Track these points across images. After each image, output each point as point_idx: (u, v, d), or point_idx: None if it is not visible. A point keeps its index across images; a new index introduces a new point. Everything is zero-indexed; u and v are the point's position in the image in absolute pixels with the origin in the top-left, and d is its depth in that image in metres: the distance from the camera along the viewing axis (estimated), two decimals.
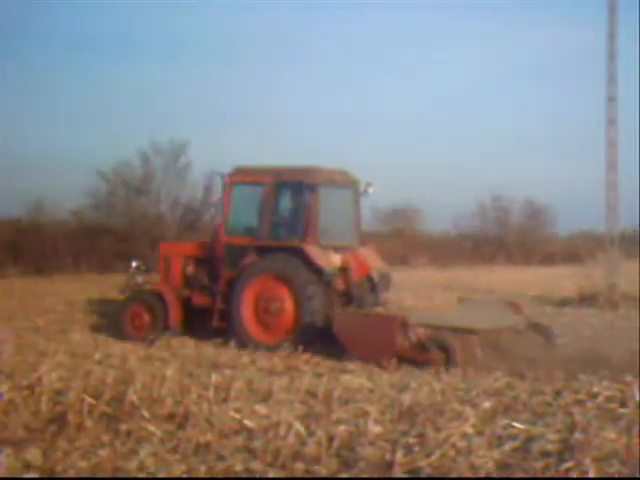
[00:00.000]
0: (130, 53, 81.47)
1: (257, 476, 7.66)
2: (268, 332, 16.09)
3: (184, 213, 44.16)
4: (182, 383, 10.89)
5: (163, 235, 40.62)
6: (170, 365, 12.04)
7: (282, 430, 8.76)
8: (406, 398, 10.34)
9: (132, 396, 9.91)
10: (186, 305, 17.51)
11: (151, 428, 8.94)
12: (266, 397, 10.54)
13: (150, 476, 7.63)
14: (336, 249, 16.96)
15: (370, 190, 17.51)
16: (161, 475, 7.63)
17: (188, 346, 15.89)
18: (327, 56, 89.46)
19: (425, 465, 7.74)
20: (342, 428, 8.84)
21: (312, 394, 10.79)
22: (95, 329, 18.64)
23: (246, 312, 16.25)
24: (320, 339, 15.22)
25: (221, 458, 8.10)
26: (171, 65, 79.95)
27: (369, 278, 17.32)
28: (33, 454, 8.05)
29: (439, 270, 46.24)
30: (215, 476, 7.64)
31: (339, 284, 16.67)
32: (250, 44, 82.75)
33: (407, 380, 11.77)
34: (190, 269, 17.82)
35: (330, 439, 8.47)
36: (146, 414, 9.47)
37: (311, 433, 8.74)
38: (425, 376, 12.21)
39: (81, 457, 8.10)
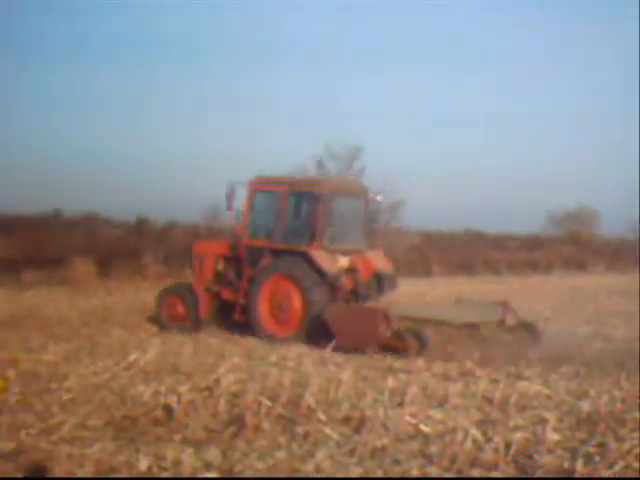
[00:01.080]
0: (319, 59, 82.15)
1: None
2: (280, 326, 17.76)
3: None
4: (357, 387, 10.92)
5: None
6: (345, 369, 12.07)
7: (458, 436, 8.66)
8: (585, 406, 10.09)
9: (308, 399, 10.01)
10: (217, 299, 19.27)
11: (327, 431, 9.00)
12: (441, 402, 10.45)
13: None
14: (344, 252, 18.45)
15: (379, 198, 19.97)
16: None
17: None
18: None
19: (609, 476, 7.50)
20: (519, 435, 8.69)
21: (488, 400, 10.63)
22: None
23: (262, 308, 17.96)
24: (325, 333, 16.09)
25: (397, 462, 8.06)
26: (346, 69, 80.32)
27: (377, 278, 18.79)
28: (213, 454, 8.20)
29: (615, 275, 44.99)
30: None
31: (347, 283, 18.17)
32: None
33: (585, 387, 11.44)
34: (220, 267, 19.56)
35: (507, 446, 8.33)
36: (322, 417, 9.53)
37: (488, 439, 8.62)
38: (604, 384, 11.82)
39: (259, 458, 8.20)
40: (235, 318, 18.56)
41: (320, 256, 17.55)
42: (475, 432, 8.71)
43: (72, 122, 70.71)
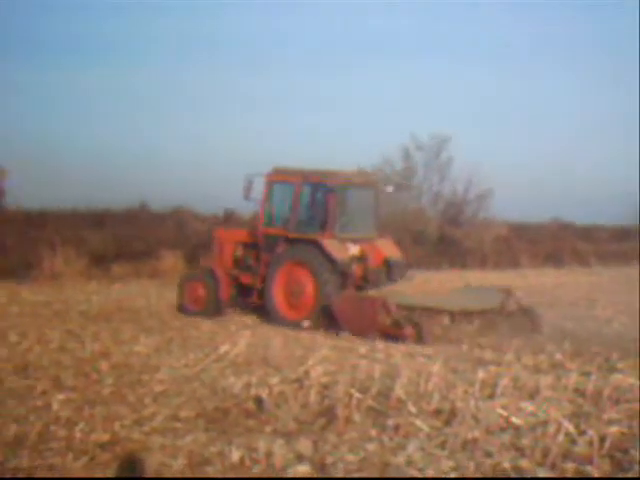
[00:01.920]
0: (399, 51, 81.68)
1: (527, 476, 7.53)
2: (293, 310, 18.67)
3: (446, 207, 44.15)
4: (447, 379, 10.84)
5: (425, 230, 40.79)
6: (435, 361, 12.00)
7: (551, 429, 8.54)
8: None
9: (399, 391, 9.98)
10: (235, 283, 20.29)
11: (418, 423, 8.97)
12: (532, 395, 10.31)
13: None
14: (355, 241, 19.32)
15: (389, 189, 21.21)
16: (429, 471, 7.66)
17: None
18: None
19: None
20: (614, 429, 8.54)
21: (580, 393, 10.45)
22: None
23: (276, 292, 18.95)
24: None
25: (489, 455, 8.01)
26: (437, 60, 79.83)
27: (387, 265, 19.57)
28: (304, 445, 8.24)
29: None
30: (484, 474, 7.57)
31: (358, 271, 19.10)
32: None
33: None
34: (239, 252, 20.62)
35: (602, 440, 8.18)
36: (413, 409, 9.50)
37: (581, 433, 8.49)
38: None
39: (349, 450, 8.23)
40: (252, 301, 19.80)
41: (331, 244, 18.47)
42: (568, 425, 8.58)
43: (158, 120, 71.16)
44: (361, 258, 19.30)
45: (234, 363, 12.66)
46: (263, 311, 19.15)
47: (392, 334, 16.13)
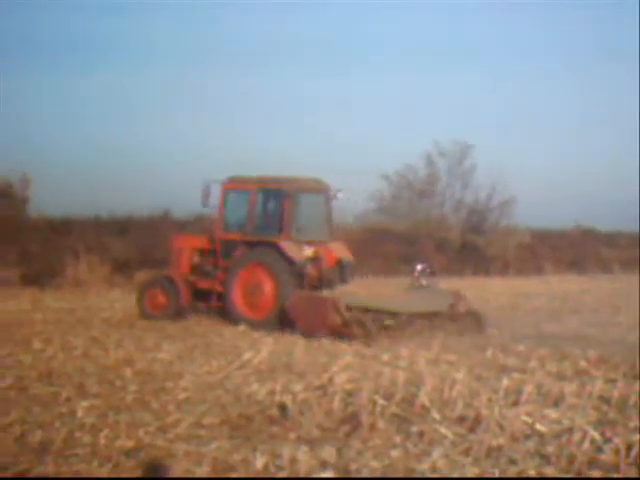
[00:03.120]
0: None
1: None
2: (253, 310, 19.47)
3: (469, 215, 44.11)
4: (471, 386, 10.81)
5: (447, 237, 40.73)
6: (459, 368, 11.98)
7: (576, 436, 8.52)
8: None
9: (423, 398, 9.97)
10: (193, 288, 21.04)
11: (442, 430, 8.95)
12: (557, 402, 10.28)
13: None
14: (310, 243, 20.18)
15: (340, 195, 21.18)
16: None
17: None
18: None
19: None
20: None
21: (605, 400, 10.39)
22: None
23: (236, 294, 19.73)
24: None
25: (513, 462, 7.99)
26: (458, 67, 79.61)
27: (339, 266, 20.59)
28: (328, 452, 8.23)
29: None
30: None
31: (312, 271, 19.84)
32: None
33: None
34: (196, 259, 21.39)
35: (628, 447, 8.14)
36: (437, 416, 9.49)
37: (607, 440, 8.44)
38: None
39: (374, 457, 8.22)
40: (212, 305, 20.72)
41: (288, 246, 19.40)
42: (593, 432, 8.54)
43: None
44: (315, 259, 20.16)
45: (257, 370, 12.69)
46: (222, 313, 20.04)
47: (341, 333, 16.95)
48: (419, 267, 20.97)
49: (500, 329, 18.13)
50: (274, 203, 20.50)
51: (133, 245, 33.10)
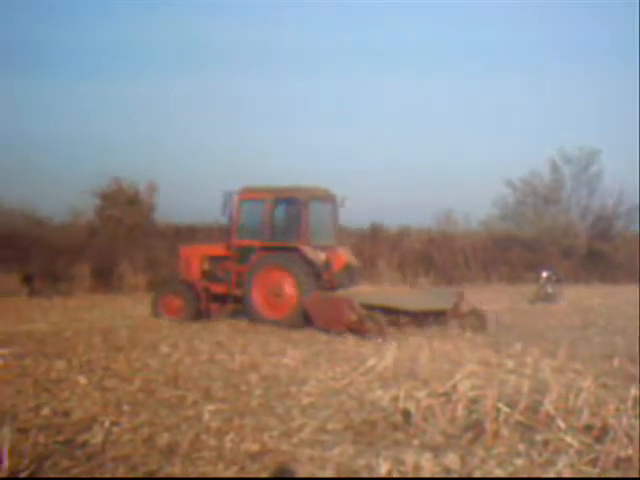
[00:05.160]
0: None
1: None
2: (274, 310, 20.89)
3: (595, 221, 43.28)
4: (598, 395, 10.60)
5: (573, 244, 40.02)
6: (585, 377, 11.76)
7: None
8: None
9: (548, 406, 9.82)
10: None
11: (568, 439, 8.80)
12: None
13: None
14: (321, 248, 21.53)
15: (347, 203, 22.39)
16: None
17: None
18: None
19: None
20: None
21: None
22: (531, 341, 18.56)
23: (257, 296, 21.12)
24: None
25: None
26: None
27: (347, 269, 22.01)
28: (451, 459, 8.19)
29: None
30: None
31: (325, 274, 21.19)
32: None
33: None
34: (206, 265, 22.82)
35: None
36: (562, 425, 9.32)
37: None
38: None
39: (497, 465, 8.14)
40: (230, 307, 22.27)
41: (309, 251, 20.91)
42: None
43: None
44: (327, 263, 21.46)
45: (381, 376, 12.69)
46: (241, 315, 21.51)
47: (356, 329, 18.32)
48: (545, 274, 20.79)
49: (627, 337, 17.71)
50: (290, 211, 21.93)
51: None
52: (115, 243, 35.01)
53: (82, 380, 12.32)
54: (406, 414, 10.07)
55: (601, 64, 77.60)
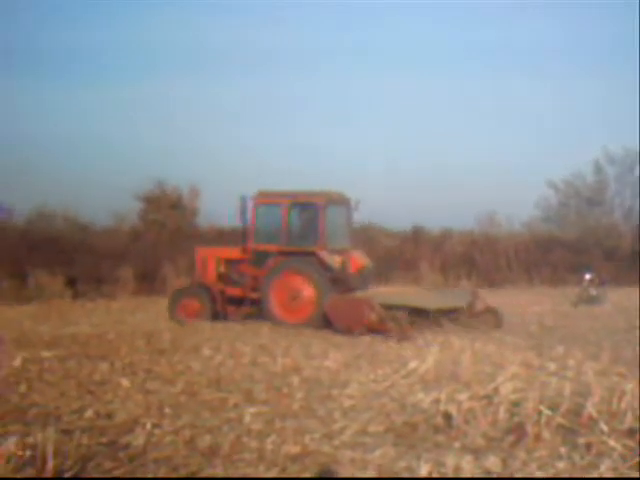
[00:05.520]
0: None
1: None
2: (291, 314, 21.29)
3: None
4: None
5: (618, 246, 39.67)
6: (629, 380, 11.67)
7: None
8: None
9: (590, 409, 9.75)
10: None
11: (611, 443, 8.73)
12: None
13: None
14: (337, 251, 22.03)
15: (359, 207, 22.94)
16: None
17: None
18: None
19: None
20: None
21: None
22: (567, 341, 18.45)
23: (274, 300, 21.54)
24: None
25: None
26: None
27: (361, 271, 22.54)
28: (493, 462, 8.16)
29: None
30: None
31: (341, 277, 21.67)
32: None
33: None
34: (222, 268, 23.18)
35: None
36: (605, 428, 9.25)
37: None
38: None
39: (539, 468, 8.10)
40: (246, 310, 22.54)
41: (326, 255, 21.40)
42: None
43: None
44: (343, 266, 21.90)
45: (423, 379, 12.67)
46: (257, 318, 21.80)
47: (377, 329, 18.81)
48: (588, 276, 20.68)
49: None
50: (307, 215, 22.30)
51: None
52: (158, 246, 35.29)
53: (125, 382, 12.45)
54: (447, 416, 10.05)
55: None
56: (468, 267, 37.69)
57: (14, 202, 36.47)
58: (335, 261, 21.59)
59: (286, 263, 21.75)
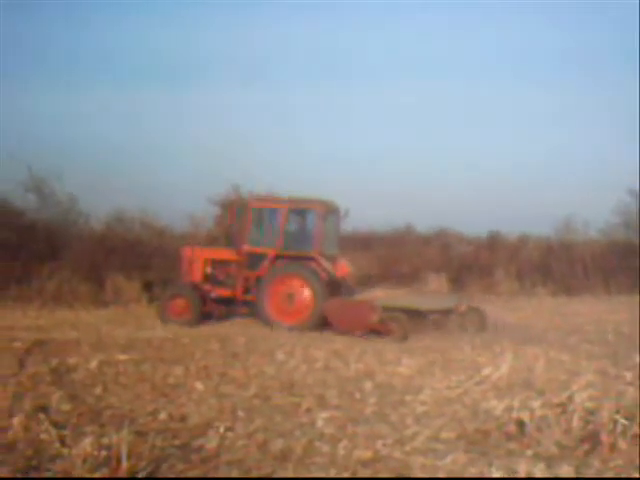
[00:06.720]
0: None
1: None
2: (287, 316, 21.93)
3: None
4: None
5: None
6: None
7: None
8: None
9: None
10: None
11: None
12: None
13: None
14: (329, 257, 22.92)
15: (348, 214, 23.84)
16: None
17: None
18: None
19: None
20: None
21: None
22: None
23: (270, 302, 22.11)
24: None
25: None
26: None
27: (346, 278, 23.34)
28: (565, 470, 8.08)
29: None
30: None
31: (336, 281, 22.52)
32: None
33: None
34: (209, 269, 23.63)
35: None
36: None
37: None
38: None
39: (613, 477, 8.01)
40: (238, 311, 23.32)
41: (323, 260, 22.33)
42: None
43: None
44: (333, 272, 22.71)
45: (496, 386, 12.57)
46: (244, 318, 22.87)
47: (379, 330, 19.63)
48: None
49: None
50: (304, 221, 23.38)
51: (375, 259, 33.65)
52: None
53: (199, 386, 12.57)
54: (520, 424, 9.95)
55: None
56: (544, 274, 37.27)
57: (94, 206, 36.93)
58: (331, 266, 22.59)
59: (283, 266, 22.43)
